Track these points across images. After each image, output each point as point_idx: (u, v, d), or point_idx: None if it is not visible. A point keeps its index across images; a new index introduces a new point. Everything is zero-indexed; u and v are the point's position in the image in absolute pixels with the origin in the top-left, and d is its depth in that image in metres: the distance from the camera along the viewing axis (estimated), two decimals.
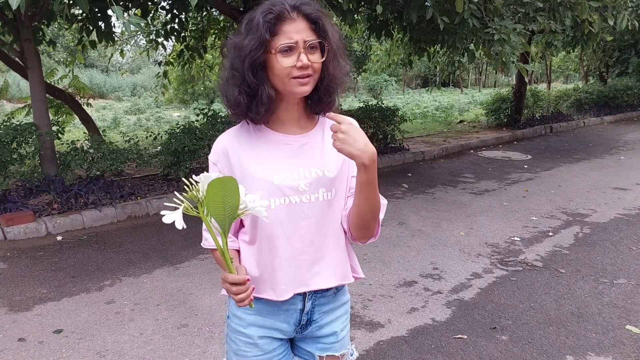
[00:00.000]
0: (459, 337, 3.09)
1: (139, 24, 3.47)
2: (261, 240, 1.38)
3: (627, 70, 16.30)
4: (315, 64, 1.27)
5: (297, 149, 1.37)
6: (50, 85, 7.37)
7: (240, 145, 1.37)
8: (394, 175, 7.59)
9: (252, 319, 1.44)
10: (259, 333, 1.44)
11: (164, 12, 7.86)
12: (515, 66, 6.06)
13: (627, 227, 5.07)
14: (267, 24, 1.23)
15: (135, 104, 19.99)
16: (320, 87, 1.33)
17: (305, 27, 1.26)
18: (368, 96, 23.05)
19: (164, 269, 4.11)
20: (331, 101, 1.37)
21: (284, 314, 1.44)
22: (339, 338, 1.53)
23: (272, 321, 1.44)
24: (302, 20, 1.25)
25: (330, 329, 1.51)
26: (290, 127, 1.39)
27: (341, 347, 1.54)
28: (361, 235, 1.40)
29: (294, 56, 1.25)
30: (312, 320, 1.48)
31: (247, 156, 1.36)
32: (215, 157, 1.39)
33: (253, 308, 1.41)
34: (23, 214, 4.95)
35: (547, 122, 12.35)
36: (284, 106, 1.35)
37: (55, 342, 3.06)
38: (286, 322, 1.45)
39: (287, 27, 1.24)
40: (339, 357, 1.54)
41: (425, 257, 4.37)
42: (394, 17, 6.82)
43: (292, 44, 1.24)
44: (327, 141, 1.39)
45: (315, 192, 1.36)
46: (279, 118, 1.37)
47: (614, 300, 3.54)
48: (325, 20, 1.28)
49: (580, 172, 7.64)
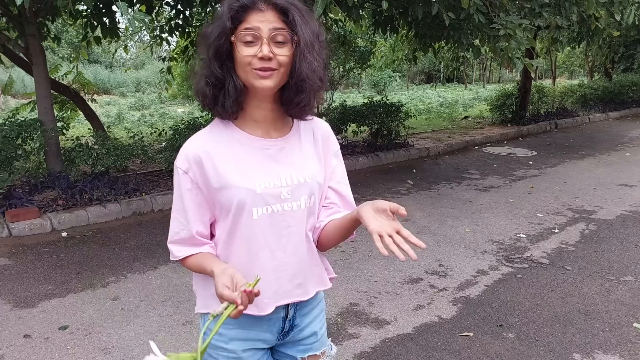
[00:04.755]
0: (465, 335, 3.07)
1: (144, 19, 3.46)
2: (240, 252, 1.31)
3: (633, 66, 16.19)
4: (280, 57, 1.19)
5: (276, 154, 1.30)
6: (55, 81, 7.37)
7: (215, 150, 1.26)
8: (398, 171, 7.56)
9: (234, 334, 1.35)
10: (242, 347, 1.37)
11: (169, 8, 7.84)
12: (521, 62, 6.03)
13: (633, 223, 5.04)
14: (231, 11, 1.18)
15: (139, 99, 19.98)
16: (289, 85, 1.24)
17: (274, 19, 1.18)
18: (372, 92, 22.99)
19: (169, 265, 4.11)
20: (302, 100, 1.26)
21: (266, 324, 1.39)
22: (318, 337, 1.50)
23: (255, 332, 1.38)
24: (272, 11, 1.19)
25: (310, 330, 1.47)
26: (267, 130, 1.31)
27: (321, 345, 1.52)
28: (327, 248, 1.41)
29: (256, 46, 1.17)
30: (294, 326, 1.44)
31: (224, 163, 1.26)
32: (186, 165, 1.26)
33: (234, 322, 1.33)
34: (28, 210, 4.96)
35: (552, 118, 12.29)
36: (256, 104, 1.27)
37: (61, 339, 3.06)
38: (269, 332, 1.40)
39: (253, 17, 1.18)
40: (319, 355, 1.52)
41: (430, 254, 4.35)
42: (399, 12, 6.79)
43: (254, 33, 1.17)
44: (305, 146, 1.35)
45: (297, 200, 1.30)
46: (253, 119, 1.29)
47: (621, 297, 3.52)
48: (297, 12, 1.20)
49: (586, 168, 7.60)
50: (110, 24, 6.60)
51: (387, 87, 25.24)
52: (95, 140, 5.80)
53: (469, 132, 10.81)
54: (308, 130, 1.38)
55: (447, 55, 10.01)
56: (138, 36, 12.99)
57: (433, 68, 30.63)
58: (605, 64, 17.37)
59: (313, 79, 1.24)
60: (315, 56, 1.23)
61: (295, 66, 1.21)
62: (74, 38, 12.54)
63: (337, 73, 12.72)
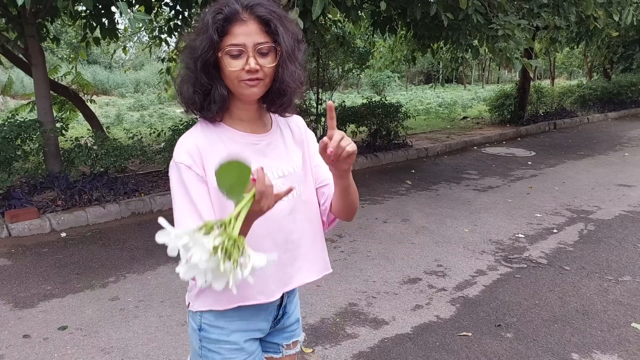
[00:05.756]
0: (463, 335, 3.08)
1: (144, 19, 3.46)
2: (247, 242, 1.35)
3: (632, 67, 16.20)
4: (265, 67, 1.24)
5: (264, 148, 1.36)
6: (54, 82, 7.37)
7: (210, 146, 1.31)
8: (397, 171, 7.57)
9: (235, 326, 1.40)
10: (243, 338, 1.42)
11: (168, 9, 7.85)
12: (519, 62, 6.04)
13: (632, 224, 5.05)
14: (216, 24, 1.20)
15: (138, 100, 19.95)
16: (272, 89, 1.30)
17: (256, 30, 1.22)
18: (371, 92, 22.99)
19: (168, 265, 4.11)
20: (284, 102, 1.33)
21: (264, 313, 1.45)
22: (299, 323, 1.60)
23: (254, 323, 1.43)
24: (253, 22, 1.22)
25: (295, 316, 1.57)
26: (253, 127, 1.37)
27: (300, 330, 1.61)
28: (350, 216, 1.44)
29: (243, 59, 1.22)
30: (285, 313, 1.51)
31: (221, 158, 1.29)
32: (189, 160, 1.28)
33: (236, 315, 1.38)
34: (27, 211, 4.96)
35: (550, 118, 12.30)
36: (241, 105, 1.33)
37: (60, 339, 3.07)
38: (266, 321, 1.46)
39: (237, 29, 1.21)
40: (298, 340, 1.60)
41: (429, 254, 4.36)
42: (397, 13, 6.80)
43: (240, 48, 1.21)
44: (287, 139, 1.43)
45: None
46: (239, 118, 1.35)
47: (619, 297, 3.53)
48: (278, 22, 1.24)
49: (585, 168, 7.61)
50: (109, 24, 6.61)
51: (386, 88, 25.24)
52: (95, 140, 5.80)
53: (468, 132, 10.82)
54: (284, 123, 1.46)
55: (445, 56, 10.02)
56: (137, 37, 12.98)
57: (432, 69, 30.62)
58: (604, 64, 17.37)
59: (294, 84, 1.31)
60: (296, 64, 1.30)
61: (279, 74, 1.28)
62: (73, 39, 12.53)
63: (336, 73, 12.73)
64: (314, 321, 3.25)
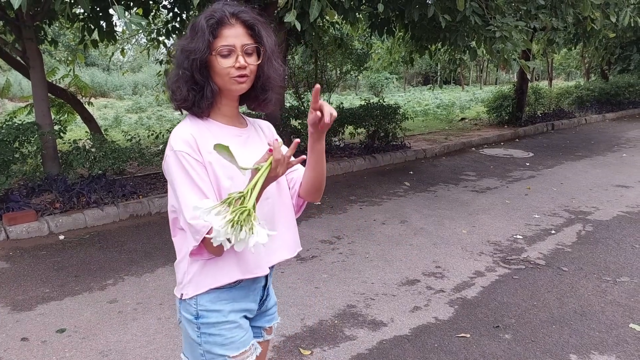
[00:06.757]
0: (462, 336, 3.08)
1: (141, 23, 3.46)
2: None
3: (629, 67, 16.24)
4: (251, 65, 1.43)
5: (246, 140, 1.54)
6: (52, 85, 7.37)
7: (202, 137, 1.44)
8: (395, 173, 7.58)
9: (230, 307, 1.51)
10: (239, 315, 1.53)
11: (165, 11, 7.85)
12: (517, 63, 6.05)
13: (629, 224, 5.06)
14: (210, 27, 1.39)
15: (136, 102, 19.94)
16: (257, 86, 1.50)
17: (242, 32, 1.42)
18: (369, 94, 23.02)
19: (166, 267, 4.11)
20: (267, 97, 1.53)
21: (252, 294, 1.57)
22: (277, 306, 1.76)
23: (245, 303, 1.55)
24: (240, 25, 1.41)
25: (273, 299, 1.72)
26: (234, 122, 1.55)
27: (277, 314, 1.76)
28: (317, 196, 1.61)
29: (232, 58, 1.41)
30: (267, 295, 1.66)
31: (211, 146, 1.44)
32: (188, 148, 1.40)
33: (229, 297, 1.50)
34: (25, 213, 4.95)
35: (548, 119, 12.32)
36: (226, 102, 1.50)
37: (58, 342, 3.06)
38: (254, 301, 1.59)
39: (227, 32, 1.40)
40: (273, 325, 1.74)
41: (427, 256, 4.36)
42: (395, 15, 6.82)
43: (230, 48, 1.40)
44: (261, 136, 1.62)
45: None
46: (223, 113, 1.52)
47: (617, 298, 3.53)
48: (261, 26, 1.44)
49: (583, 169, 7.63)
50: (107, 27, 6.61)
51: (384, 89, 25.28)
52: (93, 143, 5.80)
53: (466, 133, 10.83)
54: (257, 125, 1.66)
55: (443, 57, 10.04)
56: (135, 39, 12.98)
57: (430, 70, 30.66)
58: (601, 66, 17.40)
59: (277, 80, 1.52)
60: (278, 61, 1.52)
61: (264, 70, 1.48)
62: (71, 41, 12.52)
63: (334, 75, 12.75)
64: (313, 323, 3.25)
